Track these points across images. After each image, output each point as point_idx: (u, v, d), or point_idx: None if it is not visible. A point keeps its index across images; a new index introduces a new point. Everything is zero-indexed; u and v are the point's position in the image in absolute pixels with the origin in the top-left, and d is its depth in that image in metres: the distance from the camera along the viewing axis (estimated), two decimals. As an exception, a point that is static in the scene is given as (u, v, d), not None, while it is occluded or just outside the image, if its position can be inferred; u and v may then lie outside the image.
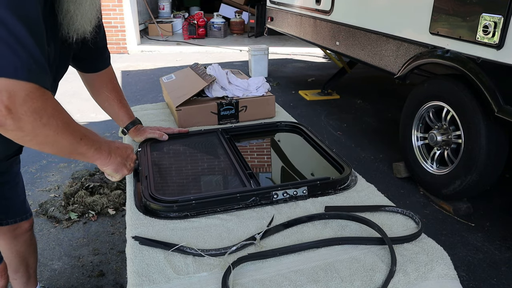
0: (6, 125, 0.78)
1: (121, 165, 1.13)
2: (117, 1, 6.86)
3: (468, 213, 2.51)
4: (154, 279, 0.87)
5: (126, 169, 1.16)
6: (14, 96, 0.77)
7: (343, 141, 3.59)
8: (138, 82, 5.37)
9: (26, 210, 1.49)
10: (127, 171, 1.16)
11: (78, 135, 0.94)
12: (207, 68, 1.86)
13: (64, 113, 0.89)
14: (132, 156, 1.19)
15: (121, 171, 1.14)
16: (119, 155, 1.12)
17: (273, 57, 6.69)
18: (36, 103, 0.81)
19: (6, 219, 1.42)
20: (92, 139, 1.00)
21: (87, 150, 0.98)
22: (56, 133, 0.87)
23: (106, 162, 1.07)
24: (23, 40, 0.78)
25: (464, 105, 2.34)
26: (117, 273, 2.00)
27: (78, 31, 1.00)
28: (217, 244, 0.98)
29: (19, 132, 0.82)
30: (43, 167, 3.03)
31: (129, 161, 1.17)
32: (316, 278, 0.88)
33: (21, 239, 1.51)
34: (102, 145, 1.04)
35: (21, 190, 1.45)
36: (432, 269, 0.92)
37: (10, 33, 0.76)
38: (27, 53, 0.78)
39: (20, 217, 1.45)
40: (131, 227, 1.05)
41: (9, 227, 1.45)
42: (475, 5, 2.17)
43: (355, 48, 3.40)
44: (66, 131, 0.89)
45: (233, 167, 1.32)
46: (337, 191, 1.22)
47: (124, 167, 1.15)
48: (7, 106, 0.76)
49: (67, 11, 0.95)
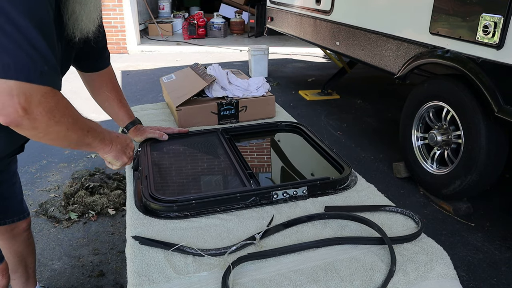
0: (23, 125, 0.84)
1: (121, 152, 1.18)
2: (117, 1, 6.86)
3: (468, 213, 2.51)
4: (154, 279, 0.87)
5: (126, 156, 1.20)
6: (30, 98, 0.82)
7: (343, 141, 3.59)
8: (138, 82, 5.37)
9: (23, 210, 1.49)
10: (126, 158, 1.21)
11: (85, 129, 1.01)
12: (207, 68, 1.86)
13: (73, 110, 0.95)
14: (131, 145, 1.24)
15: (121, 158, 1.19)
16: (119, 143, 1.17)
17: (273, 57, 6.69)
18: (50, 104, 0.86)
19: (4, 218, 1.42)
20: (97, 131, 1.06)
21: (93, 141, 1.05)
22: (67, 129, 0.92)
23: (108, 150, 1.13)
24: (36, 44, 0.81)
25: (464, 105, 2.34)
26: (117, 273, 2.00)
27: (82, 30, 1.02)
28: (217, 244, 0.98)
29: (34, 131, 0.87)
30: (43, 167, 3.03)
31: (128, 149, 1.22)
32: (316, 277, 0.88)
33: (19, 238, 1.52)
34: (105, 135, 1.11)
35: (19, 190, 1.45)
36: (431, 268, 0.92)
37: (24, 37, 0.79)
38: (41, 56, 0.82)
39: (17, 216, 1.46)
40: (131, 226, 1.05)
41: (6, 227, 1.45)
42: (475, 5, 2.17)
43: (355, 48, 3.41)
44: (76, 126, 0.95)
45: (233, 167, 1.32)
46: (337, 191, 1.22)
47: (124, 155, 1.19)
48: (24, 108, 0.81)
49: (73, 11, 0.97)
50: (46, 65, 0.83)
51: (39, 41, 0.81)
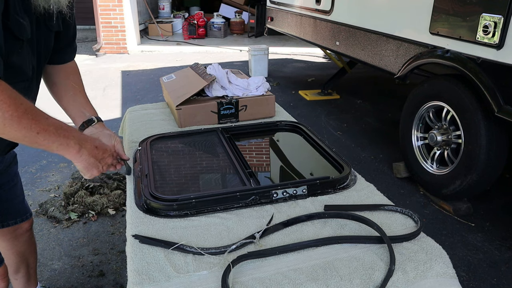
0: None
1: (92, 165, 1.09)
2: (117, 1, 6.86)
3: (468, 213, 2.51)
4: (154, 278, 0.87)
5: (97, 170, 1.11)
6: None
7: (343, 141, 3.59)
8: (138, 82, 5.37)
9: (25, 211, 1.48)
10: (97, 172, 1.12)
11: (34, 129, 0.90)
12: (207, 67, 1.86)
13: (17, 106, 0.85)
14: (108, 159, 1.14)
15: (91, 171, 1.10)
16: (93, 156, 1.08)
17: (273, 57, 6.70)
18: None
19: (6, 220, 1.41)
20: (56, 134, 0.95)
21: (48, 144, 0.95)
22: (3, 125, 0.84)
23: (76, 159, 1.04)
24: None
25: (464, 105, 2.34)
26: (117, 273, 2.00)
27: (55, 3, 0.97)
28: (217, 243, 0.98)
29: None
30: (43, 167, 3.04)
31: (103, 163, 1.13)
32: (315, 276, 0.88)
33: (21, 239, 1.51)
34: (71, 141, 1.00)
35: (20, 191, 1.45)
36: (431, 267, 0.92)
37: None
38: None
39: (20, 218, 1.45)
40: (131, 225, 1.05)
41: (9, 228, 1.45)
42: (475, 5, 2.17)
43: (355, 48, 3.41)
44: (17, 124, 0.86)
45: (233, 166, 1.33)
46: (336, 190, 1.22)
47: (95, 168, 1.10)
48: None
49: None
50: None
51: None
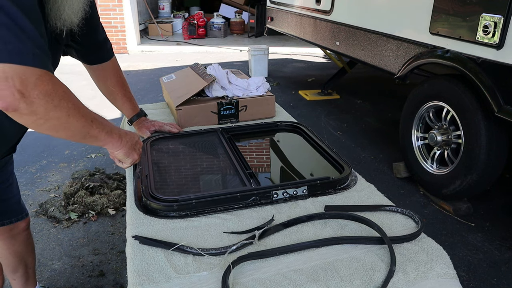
0: (20, 109, 0.81)
1: (131, 149, 1.15)
2: (117, 1, 6.86)
3: (468, 213, 2.51)
4: (154, 279, 0.87)
5: (136, 153, 1.18)
6: (26, 81, 0.80)
7: (343, 141, 3.59)
8: (138, 82, 5.37)
9: (22, 210, 1.48)
10: (137, 155, 1.18)
11: (89, 117, 0.96)
12: (207, 68, 1.86)
13: (73, 96, 0.92)
14: (140, 142, 1.21)
15: (132, 155, 1.16)
16: (129, 140, 1.14)
17: (273, 57, 6.69)
18: (47, 86, 0.84)
19: (2, 219, 1.41)
20: (102, 123, 1.02)
21: (99, 132, 1.01)
22: (67, 115, 0.89)
23: (118, 146, 1.10)
24: (25, 27, 0.81)
25: (464, 105, 2.34)
26: (117, 273, 2.00)
27: (65, 22, 1.01)
28: (217, 244, 0.98)
29: (32, 116, 0.84)
30: (43, 167, 3.03)
31: (138, 145, 1.19)
32: (315, 277, 0.88)
33: (18, 238, 1.51)
34: (113, 129, 1.07)
35: (16, 190, 1.45)
36: (431, 268, 0.92)
37: (12, 20, 0.79)
38: (30, 39, 0.81)
39: (16, 217, 1.45)
40: (131, 226, 1.05)
41: (5, 228, 1.45)
42: (475, 5, 2.17)
43: (355, 48, 3.41)
44: (77, 113, 0.92)
45: (233, 166, 1.32)
46: (337, 190, 1.22)
47: (134, 152, 1.17)
48: (20, 91, 0.79)
49: (55, 1, 0.96)
50: (37, 49, 0.82)
51: (27, 24, 0.81)
